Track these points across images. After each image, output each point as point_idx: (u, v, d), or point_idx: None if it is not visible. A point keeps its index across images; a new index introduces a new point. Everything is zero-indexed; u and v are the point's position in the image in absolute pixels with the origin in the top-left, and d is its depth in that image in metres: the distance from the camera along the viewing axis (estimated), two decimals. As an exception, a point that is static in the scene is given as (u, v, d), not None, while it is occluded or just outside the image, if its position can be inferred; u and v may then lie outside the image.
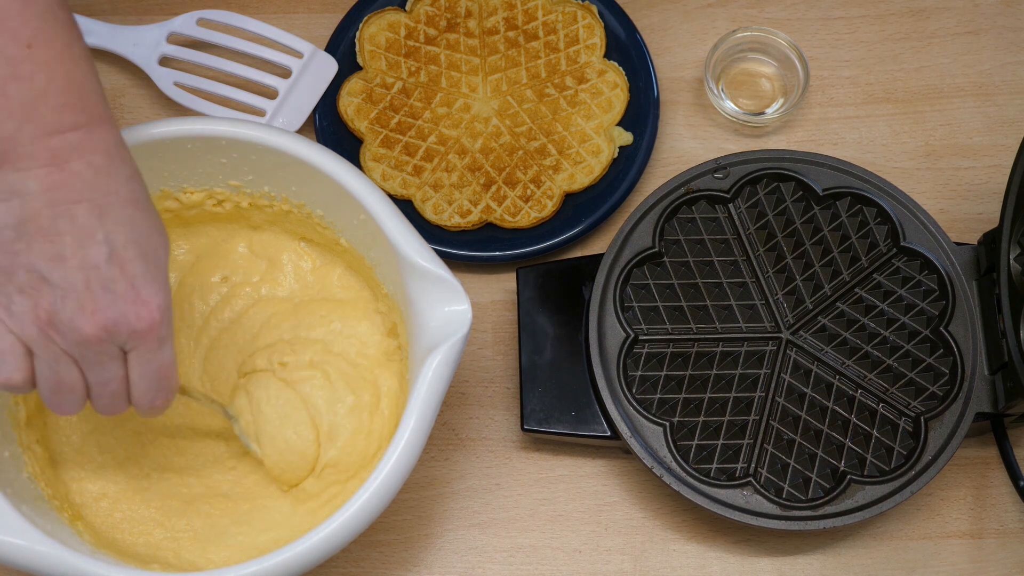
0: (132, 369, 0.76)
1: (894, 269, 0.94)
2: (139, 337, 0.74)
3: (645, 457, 0.89)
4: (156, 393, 0.78)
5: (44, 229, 0.71)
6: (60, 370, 0.75)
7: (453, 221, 0.98)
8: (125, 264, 0.73)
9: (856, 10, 1.07)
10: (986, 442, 0.95)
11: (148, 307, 0.73)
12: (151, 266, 0.74)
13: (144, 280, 0.73)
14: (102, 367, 0.75)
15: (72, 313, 0.72)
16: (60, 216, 0.71)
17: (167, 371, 0.77)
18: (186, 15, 1.03)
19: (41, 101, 0.71)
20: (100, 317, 0.72)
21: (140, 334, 0.74)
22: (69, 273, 0.72)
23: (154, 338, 0.75)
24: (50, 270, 0.72)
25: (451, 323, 0.81)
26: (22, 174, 0.71)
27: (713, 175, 0.96)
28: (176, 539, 0.88)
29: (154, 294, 0.74)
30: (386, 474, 0.79)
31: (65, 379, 0.75)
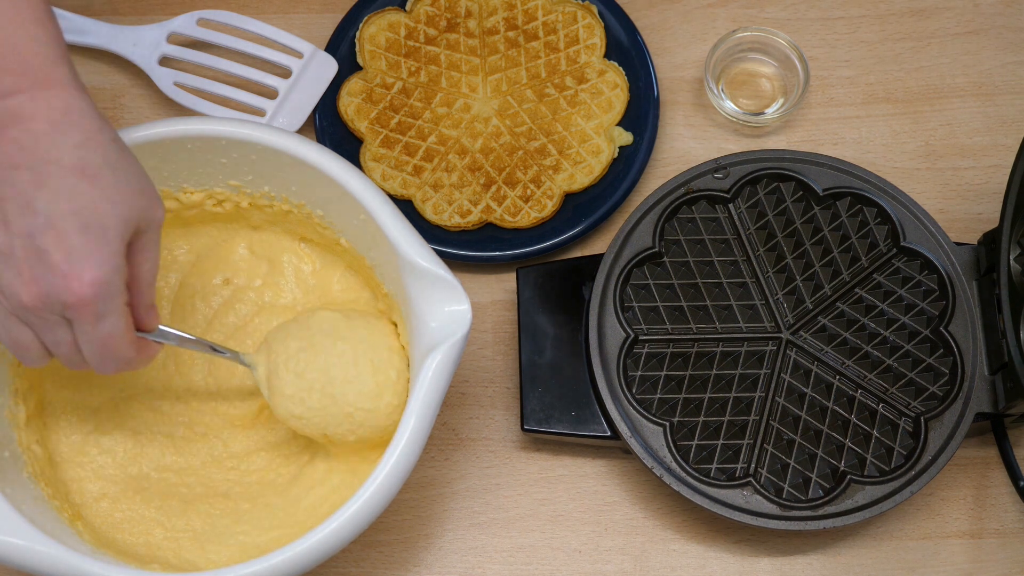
0: (77, 337, 0.75)
1: (894, 269, 0.94)
2: (73, 311, 0.73)
3: (645, 457, 0.89)
4: (103, 361, 0.77)
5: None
6: (12, 330, 0.75)
7: (453, 221, 0.98)
8: (62, 236, 0.71)
9: (856, 10, 1.07)
10: (986, 442, 0.95)
11: (79, 282, 0.71)
12: (92, 238, 0.72)
13: (80, 254, 0.71)
14: (50, 331, 0.74)
15: (11, 280, 0.72)
16: (3, 181, 0.71)
17: (110, 342, 0.75)
18: (186, 15, 1.03)
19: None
20: (34, 288, 0.72)
21: (74, 308, 0.72)
22: (10, 239, 0.71)
23: (89, 313, 0.73)
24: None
25: (451, 323, 0.81)
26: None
27: (713, 175, 0.96)
28: (176, 539, 0.88)
29: (88, 268, 0.71)
30: (386, 474, 0.79)
31: (20, 339, 0.75)
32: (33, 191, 0.71)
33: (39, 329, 0.75)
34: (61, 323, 0.74)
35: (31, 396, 0.88)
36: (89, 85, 1.02)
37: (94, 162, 0.73)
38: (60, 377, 0.91)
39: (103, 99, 1.03)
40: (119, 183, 0.73)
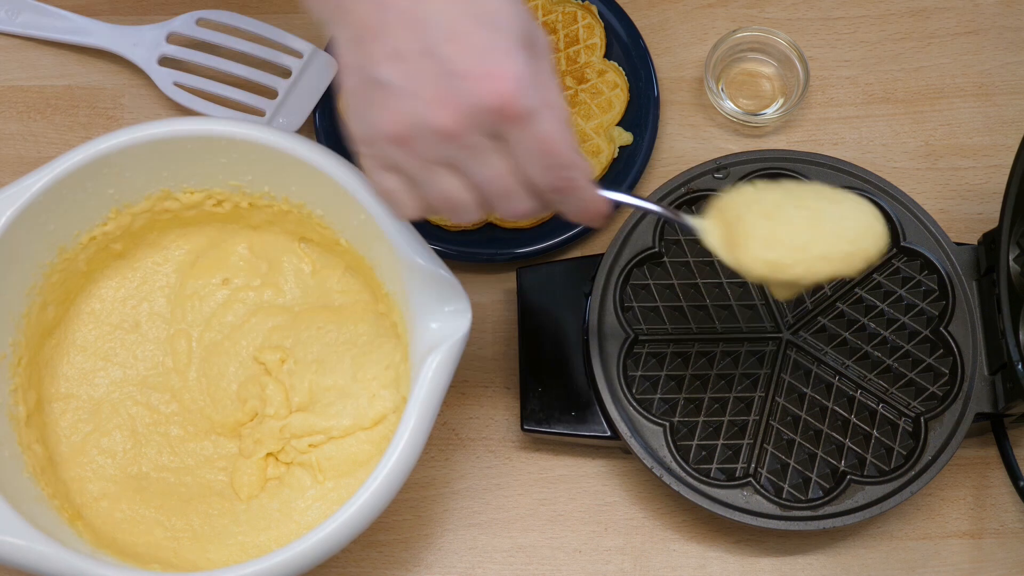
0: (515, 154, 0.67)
1: (894, 269, 0.94)
2: (499, 116, 0.65)
3: (645, 457, 0.89)
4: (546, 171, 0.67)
5: (372, 29, 0.66)
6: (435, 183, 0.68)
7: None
8: (462, 37, 0.64)
9: (856, 10, 1.07)
10: (986, 442, 0.95)
11: (494, 80, 0.64)
12: (491, 31, 0.65)
13: (489, 50, 0.64)
14: (478, 163, 0.67)
15: (423, 114, 0.65)
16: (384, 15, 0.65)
17: (549, 145, 0.67)
18: (186, 15, 1.03)
19: None
20: (451, 107, 0.65)
21: (498, 112, 0.65)
22: (404, 68, 0.65)
23: (513, 112, 0.65)
24: (390, 74, 0.65)
25: (451, 323, 0.81)
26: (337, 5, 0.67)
27: (713, 175, 0.96)
28: (176, 538, 0.88)
29: (499, 62, 0.64)
30: (386, 474, 0.79)
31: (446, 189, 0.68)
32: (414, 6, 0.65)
33: (468, 163, 0.67)
34: (490, 146, 0.66)
35: (31, 395, 0.89)
36: (89, 85, 1.03)
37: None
38: (58, 374, 0.92)
39: (103, 99, 1.03)
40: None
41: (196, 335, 0.93)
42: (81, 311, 0.93)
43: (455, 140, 0.66)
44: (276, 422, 0.90)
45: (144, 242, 0.94)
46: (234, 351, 0.93)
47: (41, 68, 1.04)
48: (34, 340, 0.89)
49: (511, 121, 0.66)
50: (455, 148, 0.66)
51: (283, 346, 0.93)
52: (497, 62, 0.64)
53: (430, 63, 0.65)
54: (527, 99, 0.65)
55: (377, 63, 0.66)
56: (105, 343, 0.93)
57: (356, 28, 0.66)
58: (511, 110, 0.65)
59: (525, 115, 0.65)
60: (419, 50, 0.65)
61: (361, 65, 0.66)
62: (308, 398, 0.91)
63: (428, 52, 0.64)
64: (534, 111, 0.66)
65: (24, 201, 0.84)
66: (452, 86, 0.64)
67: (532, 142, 0.67)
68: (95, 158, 0.85)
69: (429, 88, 0.65)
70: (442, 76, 0.64)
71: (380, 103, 0.66)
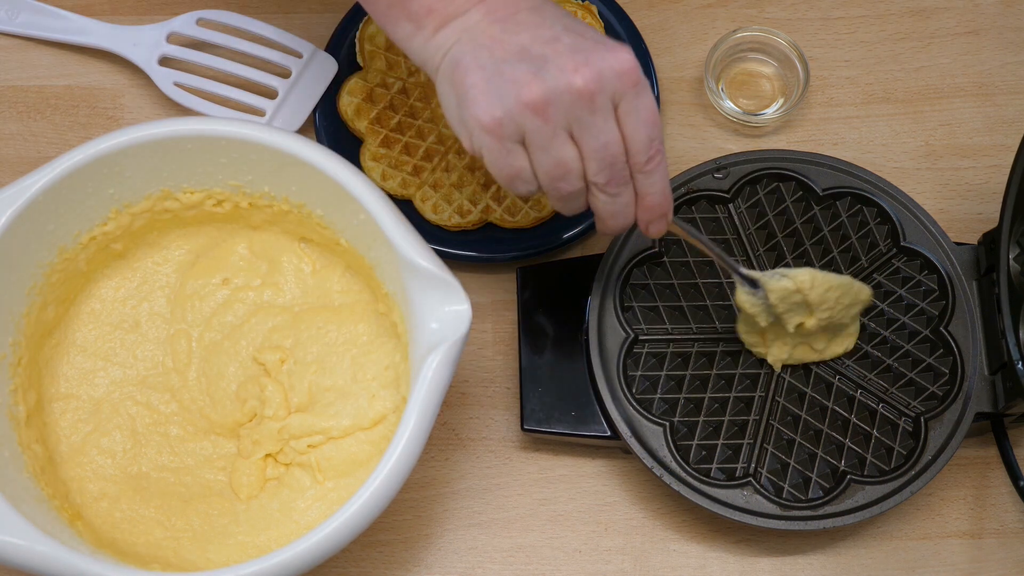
0: (624, 121, 0.78)
1: (894, 269, 0.94)
2: (623, 79, 0.77)
3: (645, 457, 0.89)
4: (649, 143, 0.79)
5: (498, 38, 0.77)
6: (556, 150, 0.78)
7: (453, 221, 0.98)
8: (579, 34, 0.77)
9: (856, 10, 1.07)
10: (986, 442, 0.95)
11: (622, 52, 0.77)
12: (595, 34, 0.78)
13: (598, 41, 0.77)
14: (598, 128, 0.77)
15: (558, 77, 0.75)
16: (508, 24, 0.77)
17: (652, 113, 0.78)
18: (186, 15, 1.03)
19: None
20: (585, 69, 0.76)
21: (624, 75, 0.76)
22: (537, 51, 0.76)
23: (635, 79, 0.77)
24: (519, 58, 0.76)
25: (451, 323, 0.81)
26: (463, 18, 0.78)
27: (713, 175, 0.96)
28: (176, 538, 0.88)
29: (615, 46, 0.77)
30: (386, 474, 0.79)
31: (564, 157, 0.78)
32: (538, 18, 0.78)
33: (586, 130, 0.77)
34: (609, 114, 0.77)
35: (31, 395, 0.88)
36: (89, 85, 1.03)
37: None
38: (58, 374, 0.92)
39: (103, 99, 1.03)
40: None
41: (196, 335, 0.93)
42: (81, 311, 0.93)
43: (590, 100, 0.76)
44: (275, 423, 0.90)
45: (144, 242, 0.94)
46: (234, 351, 0.93)
47: (41, 68, 1.04)
48: (34, 340, 0.89)
49: (633, 86, 0.77)
50: (587, 110, 0.77)
51: (283, 346, 0.93)
52: (613, 45, 0.77)
53: (561, 45, 0.77)
54: (639, 73, 0.77)
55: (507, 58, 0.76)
56: (105, 343, 0.93)
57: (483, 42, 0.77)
58: (634, 76, 0.77)
59: (642, 83, 0.78)
60: (550, 38, 0.77)
61: (485, 66, 0.77)
62: (307, 398, 0.91)
63: (557, 39, 0.77)
64: (645, 83, 0.78)
65: (24, 201, 0.84)
66: (585, 58, 0.76)
67: (643, 108, 0.78)
68: (95, 158, 0.85)
69: (567, 60, 0.76)
70: (575, 51, 0.76)
71: (521, 78, 0.76)
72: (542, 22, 0.78)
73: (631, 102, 0.77)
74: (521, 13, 0.78)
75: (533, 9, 0.78)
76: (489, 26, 0.77)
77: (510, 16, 0.78)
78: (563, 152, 0.78)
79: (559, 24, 0.78)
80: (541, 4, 0.79)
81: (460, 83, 0.77)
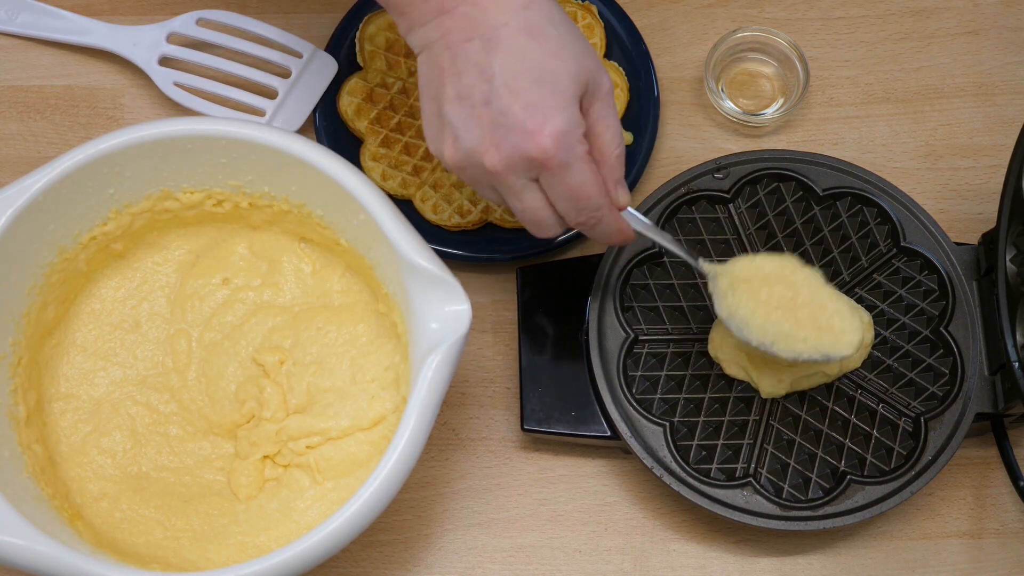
0: (547, 193, 0.78)
1: (894, 269, 0.94)
2: (538, 165, 0.76)
3: (645, 457, 0.89)
4: (577, 213, 0.79)
5: (447, 72, 0.77)
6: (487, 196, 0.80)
7: (453, 221, 0.98)
8: (518, 93, 0.75)
9: (856, 10, 1.07)
10: (986, 442, 0.95)
11: (539, 135, 0.75)
12: (546, 91, 0.76)
13: (538, 107, 0.75)
14: (516, 198, 0.79)
15: (473, 150, 0.77)
16: (457, 56, 0.76)
17: (578, 192, 0.78)
18: (186, 15, 1.03)
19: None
20: (496, 153, 0.76)
21: (538, 162, 0.76)
22: (467, 111, 0.76)
23: (553, 164, 0.76)
24: (452, 111, 0.77)
25: (451, 323, 0.81)
26: (424, 28, 0.78)
27: (713, 175, 0.96)
28: (176, 538, 0.88)
29: (548, 120, 0.75)
30: (386, 474, 0.79)
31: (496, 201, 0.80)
32: (486, 57, 0.76)
33: (507, 196, 0.79)
34: (529, 185, 0.78)
35: (31, 395, 0.88)
36: (89, 85, 1.03)
37: (539, 22, 0.77)
38: (58, 374, 0.92)
39: (103, 99, 1.03)
40: (563, 41, 0.77)
41: (196, 335, 0.93)
42: (81, 311, 0.93)
43: (498, 178, 0.78)
44: (272, 425, 0.90)
45: (144, 242, 0.94)
46: (233, 351, 0.93)
47: (41, 68, 1.04)
48: (34, 340, 0.89)
49: (548, 171, 0.77)
50: (498, 183, 0.78)
51: (282, 347, 0.93)
52: (543, 120, 0.76)
53: (488, 111, 0.76)
54: (563, 154, 0.76)
55: (448, 100, 0.77)
56: (105, 343, 0.93)
57: (435, 66, 0.78)
58: (548, 163, 0.76)
59: (559, 168, 0.77)
60: (482, 99, 0.76)
61: (435, 98, 0.78)
62: (306, 399, 0.91)
63: (488, 101, 0.76)
64: (568, 164, 0.77)
65: (24, 201, 0.84)
66: (503, 135, 0.76)
67: (564, 188, 0.78)
68: (95, 158, 0.85)
69: (485, 133, 0.76)
70: (496, 125, 0.76)
71: (446, 134, 0.78)
72: (486, 68, 0.76)
73: (548, 180, 0.78)
74: (473, 44, 0.76)
75: (485, 45, 0.76)
76: (442, 52, 0.77)
77: (461, 47, 0.77)
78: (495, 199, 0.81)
79: (500, 78, 0.76)
80: (494, 37, 0.76)
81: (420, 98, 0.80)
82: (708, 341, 0.92)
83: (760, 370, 0.90)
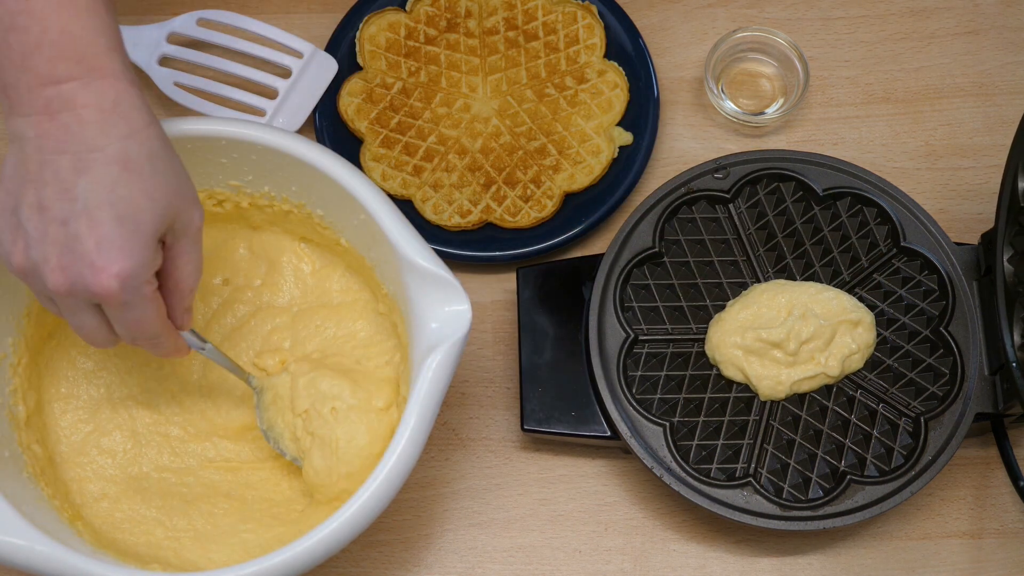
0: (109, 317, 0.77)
1: (894, 269, 0.94)
2: (100, 299, 0.74)
3: (645, 457, 0.89)
4: (135, 340, 0.79)
5: (32, 176, 0.73)
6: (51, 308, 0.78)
7: (453, 221, 0.98)
8: (96, 224, 0.72)
9: (856, 10, 1.07)
10: (986, 442, 0.95)
11: (105, 274, 0.73)
12: (125, 230, 0.73)
13: (111, 245, 0.73)
14: (76, 316, 0.76)
15: (40, 263, 0.74)
16: (46, 165, 0.72)
17: (136, 325, 0.77)
18: (186, 15, 1.03)
19: (35, 52, 0.72)
20: (61, 276, 0.73)
21: (100, 297, 0.74)
22: (43, 225, 0.73)
23: (115, 303, 0.74)
24: (28, 218, 0.73)
25: (451, 323, 0.81)
26: (24, 119, 0.73)
27: (713, 175, 0.96)
28: (177, 538, 0.88)
29: (117, 260, 0.73)
30: (386, 474, 0.79)
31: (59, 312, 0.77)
32: (74, 177, 0.72)
33: (65, 312, 0.77)
34: (87, 308, 0.76)
35: (31, 395, 0.88)
36: (89, 85, 1.03)
37: (137, 156, 0.74)
38: (58, 374, 0.92)
39: (103, 99, 1.03)
40: (159, 180, 0.75)
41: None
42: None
43: (59, 297, 0.75)
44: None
45: (144, 242, 0.94)
46: (234, 353, 0.93)
47: (41, 68, 1.04)
48: (34, 340, 0.89)
49: (109, 306, 0.75)
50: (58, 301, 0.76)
51: (282, 348, 0.93)
52: (113, 260, 0.73)
53: (63, 232, 0.73)
54: (126, 295, 0.74)
55: (27, 206, 0.73)
56: (105, 343, 0.93)
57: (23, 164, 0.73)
58: (109, 301, 0.74)
59: (119, 305, 0.75)
60: (60, 217, 0.73)
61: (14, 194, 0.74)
62: None
63: (65, 222, 0.73)
64: (129, 303, 0.75)
65: (24, 201, 0.84)
66: (71, 261, 0.73)
67: (122, 321, 0.77)
68: (95, 158, 0.85)
69: (55, 253, 0.73)
70: (67, 250, 0.73)
71: (18, 237, 0.74)
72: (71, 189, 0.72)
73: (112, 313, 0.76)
74: (65, 159, 0.72)
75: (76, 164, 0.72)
76: (32, 155, 0.73)
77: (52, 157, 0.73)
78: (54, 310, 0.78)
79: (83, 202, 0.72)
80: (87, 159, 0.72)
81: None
82: (705, 341, 0.92)
83: (758, 373, 0.90)
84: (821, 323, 0.90)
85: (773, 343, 0.90)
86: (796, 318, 0.91)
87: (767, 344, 0.90)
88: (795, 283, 0.92)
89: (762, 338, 0.90)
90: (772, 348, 0.90)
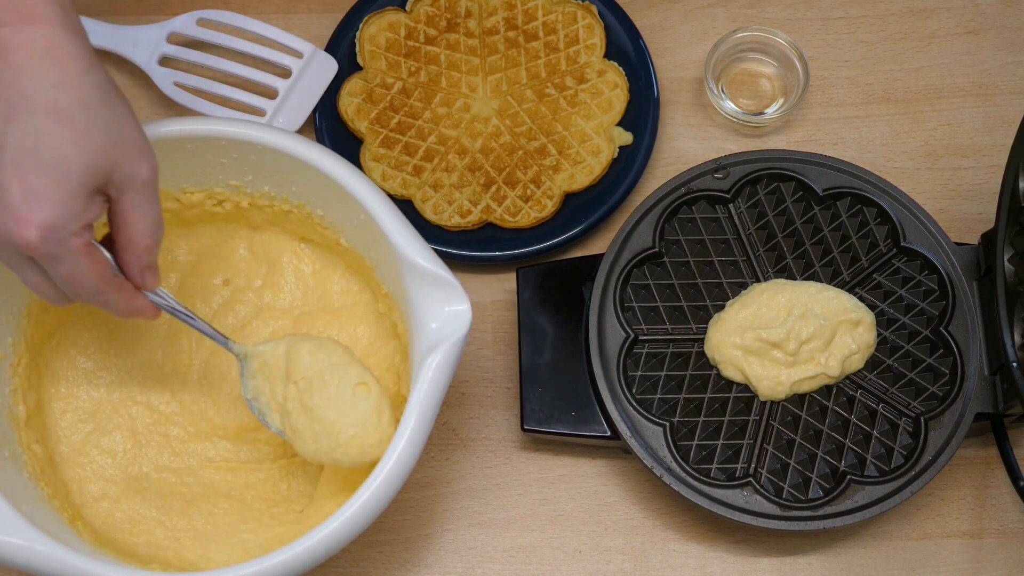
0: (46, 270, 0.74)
1: (894, 269, 0.94)
2: (25, 251, 0.72)
3: (645, 457, 0.89)
4: (76, 296, 0.75)
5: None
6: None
7: (453, 221, 0.98)
8: (22, 174, 0.70)
9: (856, 10, 1.07)
10: (986, 442, 0.95)
11: (27, 224, 0.70)
12: (50, 180, 0.70)
13: (35, 195, 0.70)
14: (19, 270, 0.74)
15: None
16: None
17: (70, 280, 0.74)
18: (186, 15, 1.03)
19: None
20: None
21: (24, 249, 0.71)
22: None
23: (41, 255, 0.72)
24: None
25: (451, 323, 0.81)
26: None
27: (713, 175, 0.96)
28: (177, 538, 0.88)
29: (39, 211, 0.70)
30: (386, 474, 0.79)
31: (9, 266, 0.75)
32: (3, 125, 0.70)
33: (9, 267, 0.74)
34: (25, 261, 0.73)
35: (31, 395, 0.89)
36: (89, 85, 1.03)
37: (68, 104, 0.71)
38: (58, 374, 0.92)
39: (103, 99, 1.03)
40: (92, 129, 0.72)
41: (197, 336, 0.93)
42: (81, 311, 0.93)
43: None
44: None
45: (144, 242, 0.94)
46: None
47: (41, 68, 1.04)
48: (34, 340, 0.89)
49: (37, 259, 0.72)
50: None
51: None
52: (35, 210, 0.70)
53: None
54: (50, 247, 0.71)
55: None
56: (105, 343, 0.93)
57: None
58: (33, 253, 0.72)
59: (46, 258, 0.72)
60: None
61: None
62: None
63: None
64: (56, 256, 0.72)
65: (24, 201, 0.84)
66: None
67: (56, 275, 0.74)
68: (95, 158, 0.85)
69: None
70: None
71: None
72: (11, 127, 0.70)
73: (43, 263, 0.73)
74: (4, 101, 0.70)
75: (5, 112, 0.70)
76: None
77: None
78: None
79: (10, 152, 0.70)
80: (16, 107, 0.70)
81: None
82: (705, 341, 0.92)
83: (758, 373, 0.90)
84: (821, 323, 0.90)
85: (773, 343, 0.90)
86: (796, 318, 0.91)
87: (767, 344, 0.90)
88: (795, 283, 0.92)
89: (762, 338, 0.90)
90: (772, 348, 0.90)
